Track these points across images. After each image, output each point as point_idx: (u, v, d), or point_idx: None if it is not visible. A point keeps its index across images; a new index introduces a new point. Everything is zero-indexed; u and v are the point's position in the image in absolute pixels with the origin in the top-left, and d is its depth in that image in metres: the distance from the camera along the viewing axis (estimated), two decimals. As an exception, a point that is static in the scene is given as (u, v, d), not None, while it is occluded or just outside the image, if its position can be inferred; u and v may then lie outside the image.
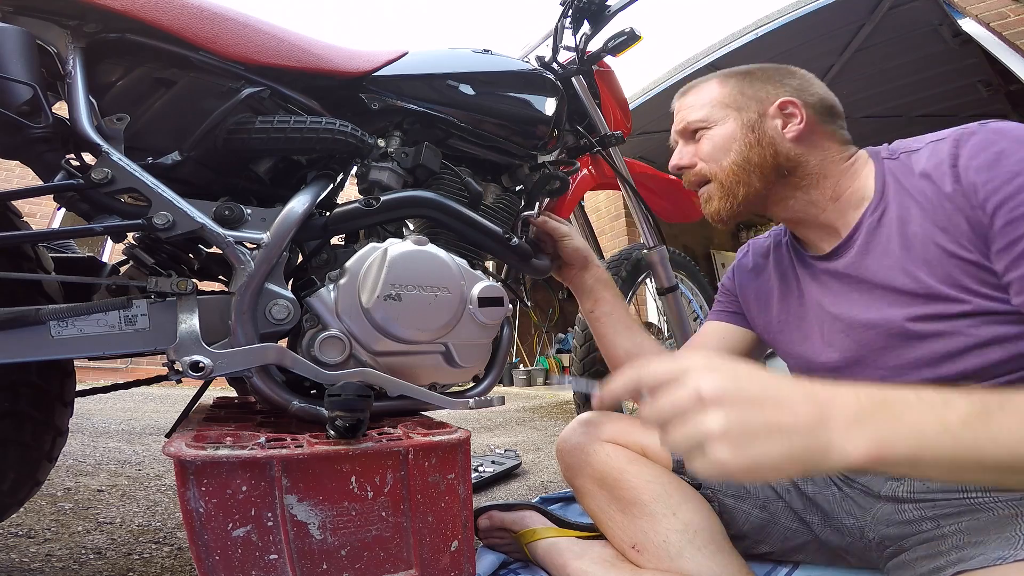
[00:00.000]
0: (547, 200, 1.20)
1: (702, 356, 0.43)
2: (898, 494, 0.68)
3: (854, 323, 0.69)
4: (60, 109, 0.66)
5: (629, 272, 1.58)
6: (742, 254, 0.91)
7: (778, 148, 0.72)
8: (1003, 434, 0.37)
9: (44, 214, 4.96)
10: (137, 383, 0.87)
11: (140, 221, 0.64)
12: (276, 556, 0.52)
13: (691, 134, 0.78)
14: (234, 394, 1.04)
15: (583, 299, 0.98)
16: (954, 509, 0.62)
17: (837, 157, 0.72)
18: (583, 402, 1.72)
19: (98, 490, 1.32)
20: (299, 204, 0.71)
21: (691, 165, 0.77)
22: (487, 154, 0.94)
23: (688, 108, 0.78)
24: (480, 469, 1.58)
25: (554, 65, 1.18)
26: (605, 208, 5.31)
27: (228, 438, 0.58)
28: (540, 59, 1.20)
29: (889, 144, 0.71)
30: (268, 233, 0.68)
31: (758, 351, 0.89)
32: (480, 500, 1.39)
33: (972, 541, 0.57)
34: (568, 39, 1.23)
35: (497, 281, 0.88)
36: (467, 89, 0.88)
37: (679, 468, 0.79)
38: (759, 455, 0.38)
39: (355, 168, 0.85)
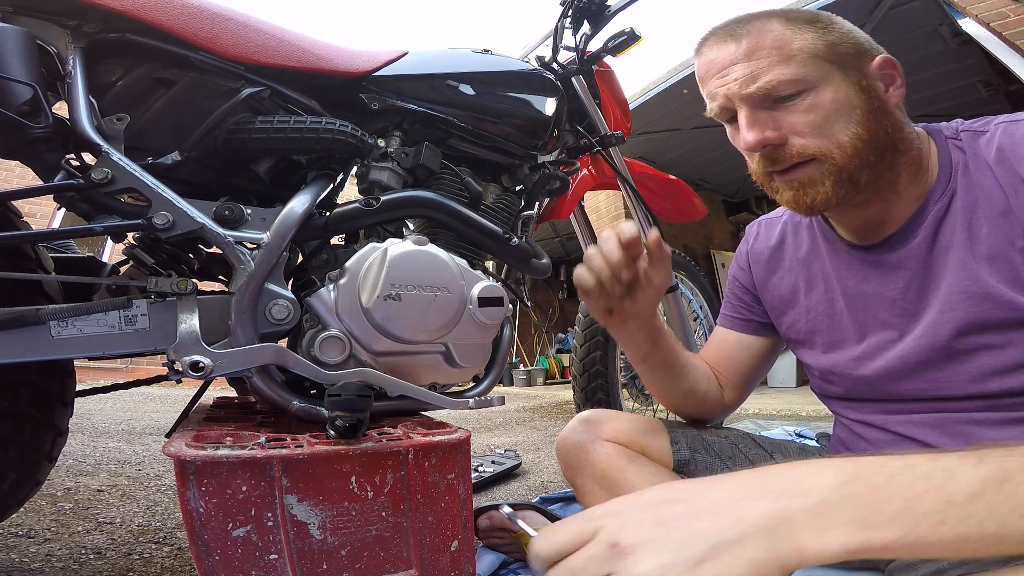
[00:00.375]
0: (547, 200, 1.20)
1: (604, 506, 0.34)
2: None
3: (910, 318, 0.61)
4: (60, 109, 0.66)
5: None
6: (752, 237, 0.82)
7: (890, 115, 0.56)
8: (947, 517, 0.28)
9: (44, 214, 4.95)
10: (137, 383, 0.87)
11: (140, 221, 0.64)
12: (276, 556, 0.52)
13: (772, 99, 0.56)
14: (234, 394, 1.04)
15: (638, 346, 0.73)
16: None
17: (916, 131, 0.60)
18: (583, 401, 1.72)
19: (98, 490, 1.32)
20: (299, 204, 0.71)
21: (781, 142, 0.56)
22: (487, 154, 0.94)
23: (761, 59, 0.55)
24: (480, 469, 1.58)
25: (554, 65, 1.18)
26: (605, 208, 5.31)
27: (228, 438, 0.58)
28: (540, 59, 1.20)
29: (949, 123, 0.61)
30: (268, 233, 0.68)
31: (774, 356, 0.82)
32: (480, 500, 1.39)
33: None
34: (568, 39, 1.23)
35: (497, 281, 0.88)
36: (467, 89, 0.88)
37: (680, 468, 0.79)
38: None
39: (355, 168, 0.85)
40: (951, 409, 0.60)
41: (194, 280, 0.67)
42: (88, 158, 0.67)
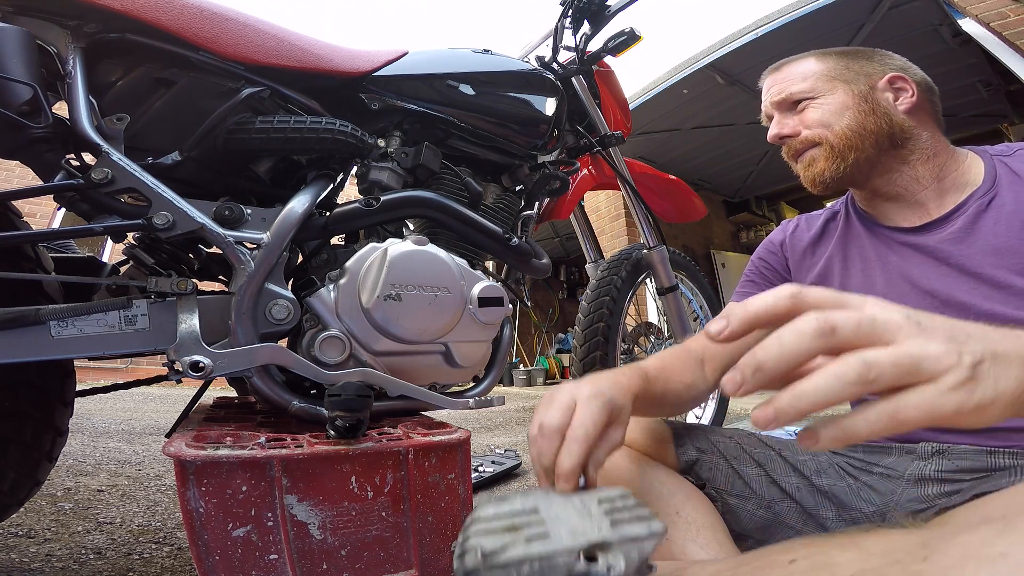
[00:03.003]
0: (547, 200, 1.19)
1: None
2: (925, 474, 0.68)
3: (951, 301, 0.67)
4: (60, 109, 0.66)
5: (629, 272, 1.58)
6: (792, 228, 0.89)
7: (892, 118, 0.72)
8: None
9: (44, 214, 4.96)
10: (137, 383, 0.87)
11: (140, 221, 0.64)
12: (276, 556, 0.52)
13: (792, 105, 0.77)
14: (234, 394, 1.04)
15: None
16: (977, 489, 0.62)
17: (944, 139, 0.73)
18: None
19: (98, 490, 1.32)
20: (299, 204, 0.71)
21: (794, 133, 0.76)
22: (487, 154, 0.94)
23: (787, 80, 0.77)
24: (480, 469, 1.58)
25: (554, 65, 1.18)
26: (605, 208, 5.31)
27: (228, 438, 0.58)
28: (540, 59, 1.20)
29: (994, 146, 0.73)
30: (268, 233, 0.68)
31: None
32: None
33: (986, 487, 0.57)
34: (568, 39, 1.23)
35: (497, 281, 0.88)
36: (467, 89, 0.88)
37: (687, 469, 0.79)
38: (999, 383, 0.30)
39: (355, 168, 0.85)
40: None
41: (194, 280, 0.66)
42: (88, 158, 0.67)
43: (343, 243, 0.85)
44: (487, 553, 0.33)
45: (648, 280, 1.65)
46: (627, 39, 1.20)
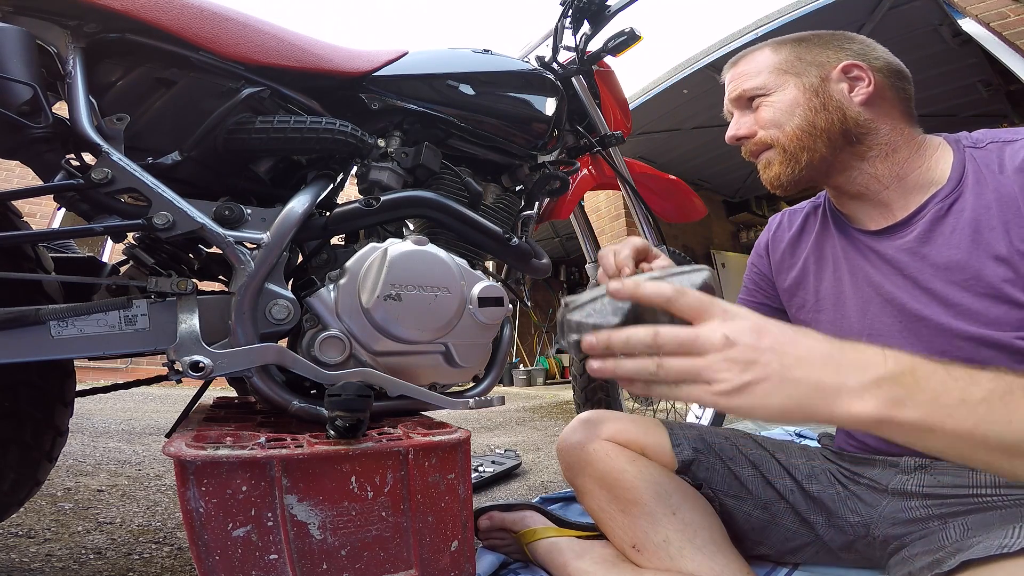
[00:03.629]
0: (547, 200, 1.19)
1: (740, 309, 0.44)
2: (907, 488, 0.68)
3: (908, 311, 0.65)
4: (60, 109, 0.66)
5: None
6: (775, 226, 0.88)
7: (846, 112, 0.68)
8: (1018, 415, 0.37)
9: (44, 214, 4.96)
10: (137, 383, 0.87)
11: (140, 221, 0.64)
12: (276, 556, 0.52)
13: (747, 102, 0.75)
14: (234, 394, 1.04)
15: None
16: (962, 507, 0.61)
17: (907, 131, 0.69)
18: (583, 402, 1.72)
19: (98, 490, 1.32)
20: (299, 204, 0.71)
21: (750, 134, 0.74)
22: (487, 154, 0.94)
23: (741, 76, 0.75)
24: (480, 469, 1.58)
25: (554, 65, 1.18)
26: (605, 208, 5.31)
27: (228, 438, 0.58)
28: (540, 59, 1.20)
29: (970, 132, 0.68)
30: (268, 233, 0.68)
31: None
32: (480, 500, 1.39)
33: (974, 533, 0.56)
34: (568, 39, 1.23)
35: (497, 281, 0.88)
36: (467, 89, 0.88)
37: (684, 469, 0.79)
38: (765, 399, 0.40)
39: (355, 168, 0.85)
40: None
41: (194, 280, 0.66)
42: (88, 158, 0.67)
43: (343, 243, 0.85)
44: (567, 302, 0.52)
45: (648, 280, 1.65)
46: (627, 39, 1.20)
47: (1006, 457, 0.38)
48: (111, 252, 4.64)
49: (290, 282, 0.75)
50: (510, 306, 0.85)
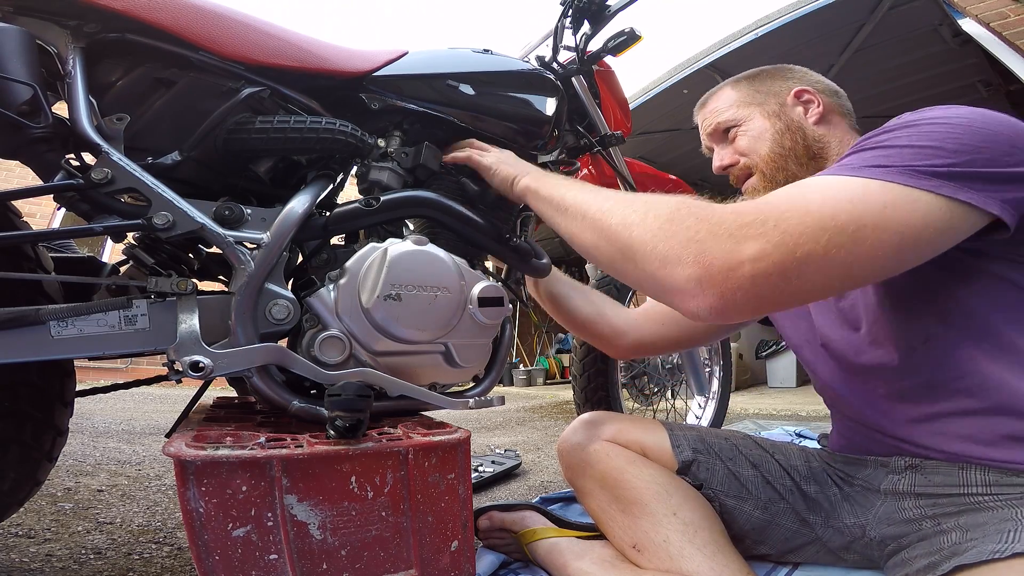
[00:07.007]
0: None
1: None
2: (899, 488, 0.68)
3: (846, 321, 0.71)
4: (60, 109, 0.66)
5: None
6: None
7: (806, 131, 0.78)
8: (579, 194, 0.66)
9: (44, 214, 4.96)
10: (137, 383, 0.87)
11: (140, 221, 0.64)
12: (276, 556, 0.52)
13: (723, 135, 0.85)
14: (234, 394, 1.04)
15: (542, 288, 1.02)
16: (955, 508, 0.62)
17: (852, 139, 0.77)
18: (583, 402, 1.72)
19: (98, 490, 1.32)
20: (299, 204, 0.71)
21: (734, 163, 0.83)
22: (487, 154, 0.94)
23: (713, 113, 0.85)
24: (480, 469, 1.58)
25: (554, 65, 1.18)
26: (605, 208, 5.30)
27: (228, 438, 0.58)
28: (540, 59, 1.20)
29: None
30: (268, 233, 0.68)
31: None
32: (480, 500, 1.39)
33: (970, 537, 0.57)
34: (568, 39, 1.22)
35: (497, 281, 0.88)
36: (467, 89, 0.88)
37: (684, 469, 0.79)
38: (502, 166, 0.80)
39: (355, 168, 0.85)
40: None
41: (194, 280, 0.66)
42: (88, 158, 0.67)
43: (343, 243, 0.85)
44: None
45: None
46: (627, 39, 1.20)
47: (559, 213, 0.69)
48: (111, 252, 4.64)
49: (290, 282, 0.75)
50: (510, 306, 0.85)
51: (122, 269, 0.78)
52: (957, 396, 0.62)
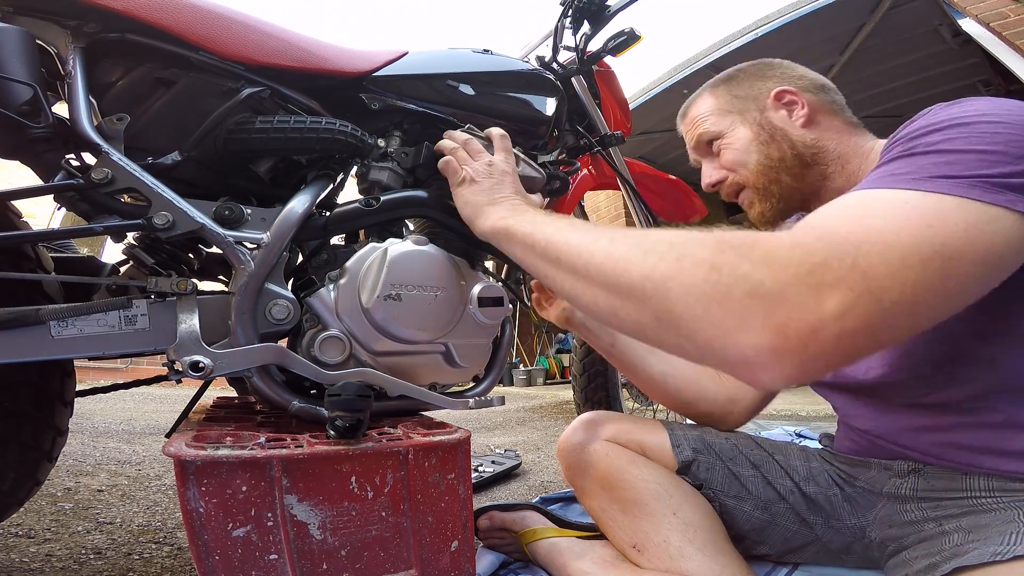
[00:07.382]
0: (547, 200, 1.19)
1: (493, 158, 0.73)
2: (901, 491, 0.68)
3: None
4: (60, 109, 0.66)
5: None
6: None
7: (793, 138, 0.72)
8: (571, 236, 0.52)
9: (44, 214, 4.96)
10: (137, 383, 0.87)
11: (140, 221, 0.64)
12: (276, 556, 0.52)
13: (707, 147, 0.79)
14: (234, 394, 1.04)
15: (599, 337, 0.89)
16: (957, 510, 0.61)
17: (853, 140, 0.71)
18: (583, 402, 1.72)
19: (98, 490, 1.32)
20: (299, 204, 0.71)
21: (722, 179, 0.78)
22: (487, 154, 0.94)
23: (693, 123, 0.80)
24: (480, 469, 1.58)
25: (554, 65, 1.18)
26: (605, 208, 5.31)
27: (228, 438, 0.58)
28: (540, 59, 1.20)
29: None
30: (268, 233, 0.68)
31: None
32: (480, 500, 1.39)
33: (972, 538, 0.56)
34: (568, 39, 1.23)
35: (497, 281, 0.88)
36: (467, 89, 0.88)
37: (684, 469, 0.79)
38: (469, 195, 0.69)
39: (355, 168, 0.85)
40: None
41: (194, 280, 0.66)
42: (88, 158, 0.67)
43: (343, 243, 0.85)
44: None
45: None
46: (627, 39, 1.20)
47: (544, 261, 0.55)
48: (111, 252, 4.64)
49: (290, 282, 0.75)
50: (510, 306, 0.85)
51: (122, 269, 0.78)
52: (973, 412, 0.60)
